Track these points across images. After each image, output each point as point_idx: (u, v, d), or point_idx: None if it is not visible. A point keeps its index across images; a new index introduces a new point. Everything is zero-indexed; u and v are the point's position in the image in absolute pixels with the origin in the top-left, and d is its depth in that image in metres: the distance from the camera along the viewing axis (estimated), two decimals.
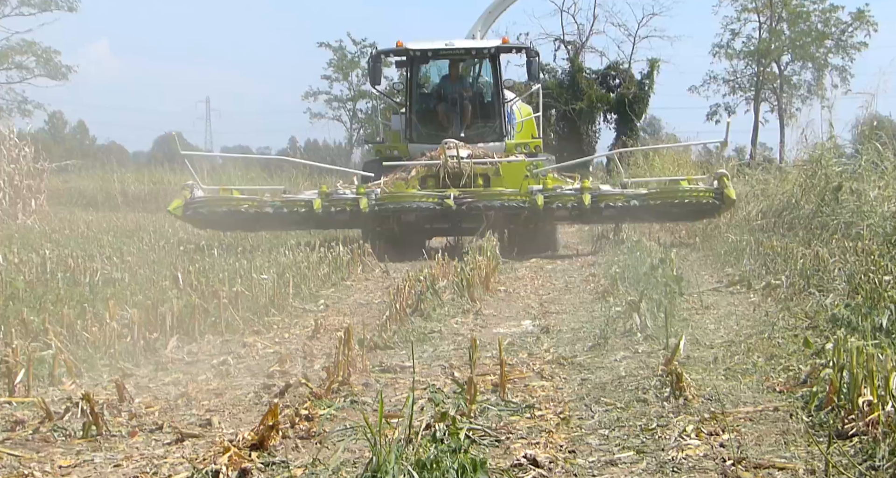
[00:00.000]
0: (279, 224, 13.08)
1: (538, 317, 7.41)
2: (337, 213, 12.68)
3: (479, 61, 15.22)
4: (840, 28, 39.33)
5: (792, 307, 6.89)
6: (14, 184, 19.35)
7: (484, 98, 15.00)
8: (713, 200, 12.70)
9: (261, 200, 12.83)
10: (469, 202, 12.60)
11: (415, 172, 13.20)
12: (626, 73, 39.28)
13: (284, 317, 7.53)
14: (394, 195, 12.75)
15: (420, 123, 14.60)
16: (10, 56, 39.28)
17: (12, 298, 7.25)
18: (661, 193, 12.96)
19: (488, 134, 14.44)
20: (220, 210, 12.73)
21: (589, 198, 12.50)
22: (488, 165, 13.28)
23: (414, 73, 14.78)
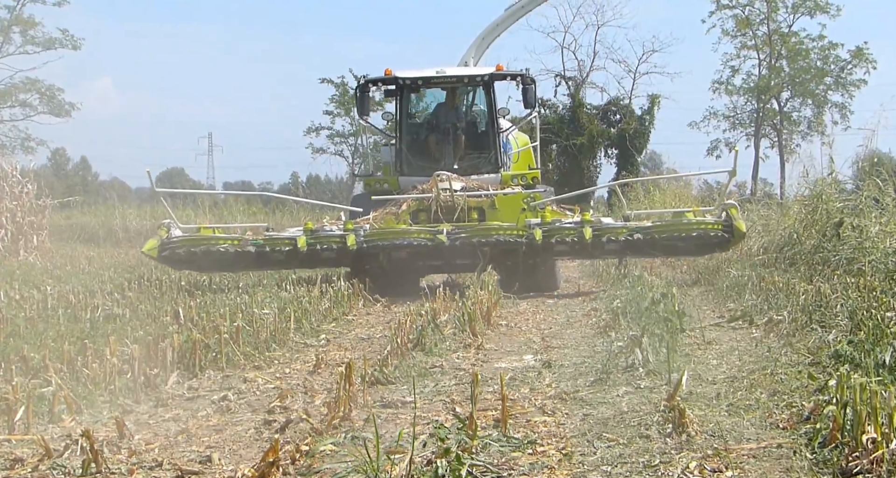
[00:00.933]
0: (262, 264, 12.41)
1: (540, 351, 7.39)
2: (323, 251, 11.99)
3: (473, 89, 14.64)
4: (839, 65, 39.58)
5: (794, 343, 6.87)
6: (16, 221, 19.41)
7: (478, 128, 14.47)
8: (722, 233, 12.06)
9: (242, 239, 12.18)
10: (463, 238, 11.91)
11: (406, 207, 12.65)
12: (626, 109, 39.49)
13: (285, 352, 7.51)
14: (383, 231, 12.08)
15: (411, 154, 14.03)
16: (14, 94, 39.56)
17: (13, 335, 7.25)
18: (666, 225, 12.31)
19: (483, 165, 13.91)
20: (199, 250, 11.96)
21: (590, 231, 11.89)
22: (483, 198, 12.76)
23: (404, 103, 14.21)
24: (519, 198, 12.83)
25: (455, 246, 11.87)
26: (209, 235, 12.24)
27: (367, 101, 14.10)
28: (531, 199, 12.79)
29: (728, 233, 12.04)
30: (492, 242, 11.95)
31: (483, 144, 14.11)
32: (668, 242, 12.12)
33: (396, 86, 14.00)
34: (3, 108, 39.88)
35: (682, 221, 12.35)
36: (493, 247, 11.97)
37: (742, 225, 12.12)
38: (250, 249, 11.98)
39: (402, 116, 14.17)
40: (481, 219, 12.56)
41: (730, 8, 39.84)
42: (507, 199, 12.80)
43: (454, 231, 11.96)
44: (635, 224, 12.35)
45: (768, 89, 39.44)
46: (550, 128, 37.01)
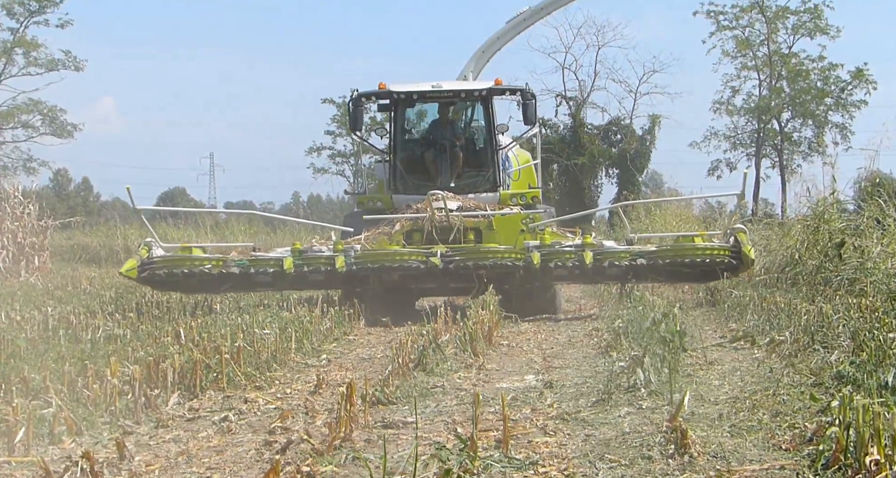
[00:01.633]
0: (247, 285, 11.88)
1: (541, 371, 7.37)
2: (310, 272, 11.46)
3: (471, 104, 14.07)
4: (839, 86, 39.70)
5: (796, 364, 6.85)
6: (17, 241, 19.44)
7: (475, 144, 13.92)
8: (729, 260, 11.42)
9: (226, 260, 11.66)
10: (457, 260, 11.33)
11: (399, 227, 12.08)
12: (627, 129, 39.62)
13: (286, 372, 7.50)
14: (374, 253, 11.49)
15: (406, 171, 13.45)
16: (17, 115, 39.70)
17: (13, 356, 7.23)
18: (672, 250, 11.74)
19: (480, 184, 13.35)
20: (180, 271, 11.43)
21: (591, 256, 11.30)
22: (480, 219, 12.19)
23: (398, 118, 13.64)
24: (517, 219, 12.28)
25: (449, 269, 11.35)
26: (191, 256, 11.72)
27: (360, 116, 13.42)
28: (530, 219, 12.28)
29: (736, 259, 11.44)
30: (488, 265, 11.39)
31: (481, 162, 13.60)
32: (673, 267, 11.58)
33: (391, 100, 13.48)
34: (6, 129, 40.05)
35: (687, 246, 11.79)
36: (489, 270, 11.41)
37: (751, 251, 11.52)
38: (234, 270, 11.48)
39: (397, 132, 13.64)
40: (478, 240, 12.03)
41: (730, 29, 40.05)
42: (505, 219, 12.27)
43: (449, 253, 11.43)
44: (639, 248, 11.79)
45: (769, 110, 39.55)
46: (552, 148, 37.13)
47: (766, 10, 39.30)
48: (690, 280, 12.45)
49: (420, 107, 14.26)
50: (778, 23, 39.74)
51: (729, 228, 12.30)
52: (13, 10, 38.60)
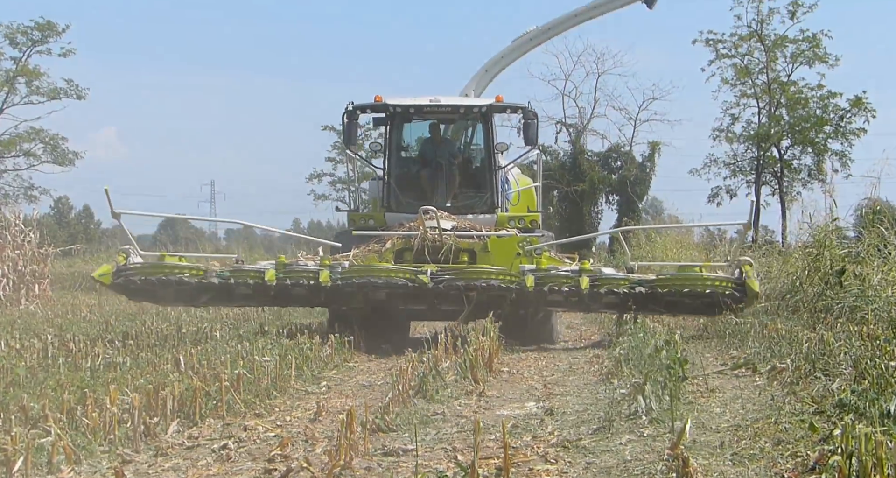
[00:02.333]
0: (226, 298, 11.36)
1: (542, 398, 7.35)
2: (293, 286, 11.01)
3: (470, 121, 13.50)
4: (839, 114, 39.83)
5: (798, 391, 6.82)
6: (18, 269, 19.45)
7: (473, 163, 13.41)
8: (733, 292, 10.99)
9: (206, 269, 11.20)
10: (447, 280, 10.87)
11: (390, 245, 11.65)
12: (627, 156, 39.74)
13: (286, 399, 7.47)
14: (361, 269, 11.04)
15: (399, 189, 12.93)
16: (18, 143, 39.80)
17: (13, 385, 7.22)
18: (673, 280, 11.25)
19: (477, 205, 12.86)
20: (156, 279, 10.96)
21: (587, 281, 10.86)
22: (475, 240, 11.74)
23: (394, 133, 13.10)
24: (514, 241, 11.81)
25: (439, 289, 10.87)
26: (170, 264, 11.26)
27: (354, 130, 12.98)
28: (527, 242, 11.84)
29: (740, 292, 11.00)
30: (479, 286, 10.90)
31: (479, 182, 13.10)
32: (674, 298, 11.13)
33: (386, 114, 12.96)
34: (7, 157, 40.13)
35: (690, 277, 11.31)
36: (480, 292, 10.93)
37: (755, 284, 11.05)
38: (214, 280, 11.04)
39: (392, 148, 13.11)
40: (472, 262, 11.57)
41: (729, 57, 40.20)
42: (500, 241, 11.78)
43: (439, 273, 10.98)
44: (638, 276, 11.30)
45: (768, 137, 39.64)
46: (552, 174, 37.23)
47: (764, 38, 39.49)
48: (691, 312, 12.03)
49: (417, 122, 13.58)
50: (777, 51, 39.91)
51: (735, 259, 11.83)
52: (16, 39, 38.83)
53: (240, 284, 11.12)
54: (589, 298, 11.10)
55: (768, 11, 39.19)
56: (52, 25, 39.11)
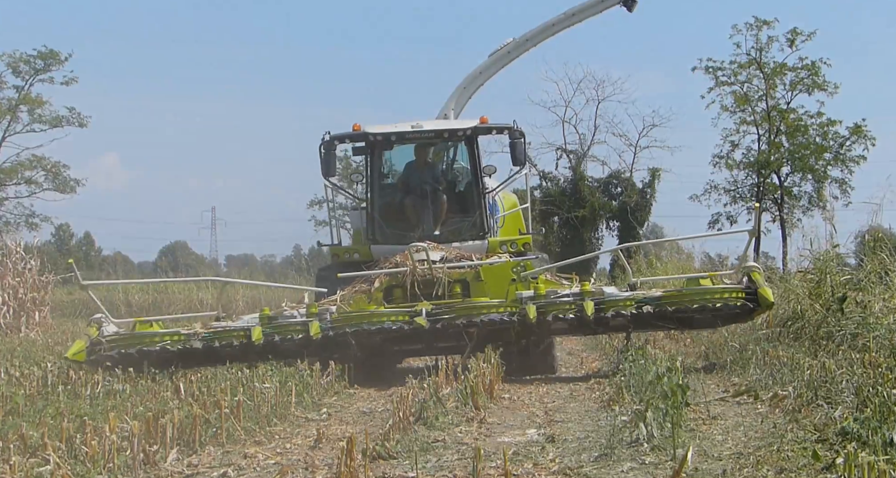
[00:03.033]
0: (212, 360, 10.59)
1: (543, 425, 7.32)
2: (283, 342, 10.43)
3: (454, 145, 13.08)
4: (838, 141, 39.99)
5: (800, 419, 6.79)
6: (18, 297, 19.45)
7: (460, 188, 12.91)
8: (745, 302, 10.55)
9: (187, 334, 10.63)
10: (445, 319, 10.38)
11: (378, 283, 11.11)
12: (627, 182, 39.85)
13: (286, 426, 7.45)
14: (352, 316, 10.51)
15: (384, 220, 12.36)
16: (20, 171, 39.92)
17: (12, 413, 7.21)
18: (681, 295, 10.70)
19: (466, 231, 12.34)
20: (134, 351, 10.38)
21: (592, 305, 10.32)
22: (466, 269, 11.26)
23: (375, 162, 12.57)
24: (507, 267, 11.32)
25: (437, 329, 10.38)
26: (147, 332, 10.73)
27: (332, 161, 12.38)
28: (521, 268, 11.29)
29: (752, 302, 10.57)
30: (479, 322, 10.43)
31: (466, 207, 12.57)
32: (683, 313, 10.61)
33: (366, 142, 12.46)
34: (9, 185, 40.25)
35: (697, 290, 10.78)
36: (480, 328, 10.46)
37: (769, 292, 10.58)
38: (197, 344, 10.49)
39: (374, 177, 12.57)
40: (465, 293, 11.09)
41: (728, 84, 40.42)
42: (493, 269, 11.32)
43: (435, 311, 10.47)
44: (643, 294, 10.78)
45: (768, 164, 39.76)
46: (552, 200, 37.31)
47: (763, 66, 39.71)
48: (703, 326, 11.47)
49: (399, 149, 13.00)
50: (776, 79, 40.14)
51: (742, 266, 11.24)
52: (19, 68, 39.08)
53: (225, 345, 10.52)
54: (595, 322, 10.60)
55: (767, 39, 39.51)
56: (54, 54, 39.41)
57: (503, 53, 16.55)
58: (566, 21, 17.01)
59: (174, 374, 10.01)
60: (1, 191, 40.40)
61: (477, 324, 10.44)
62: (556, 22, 16.95)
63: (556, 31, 17.11)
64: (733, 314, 10.75)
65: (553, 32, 17.11)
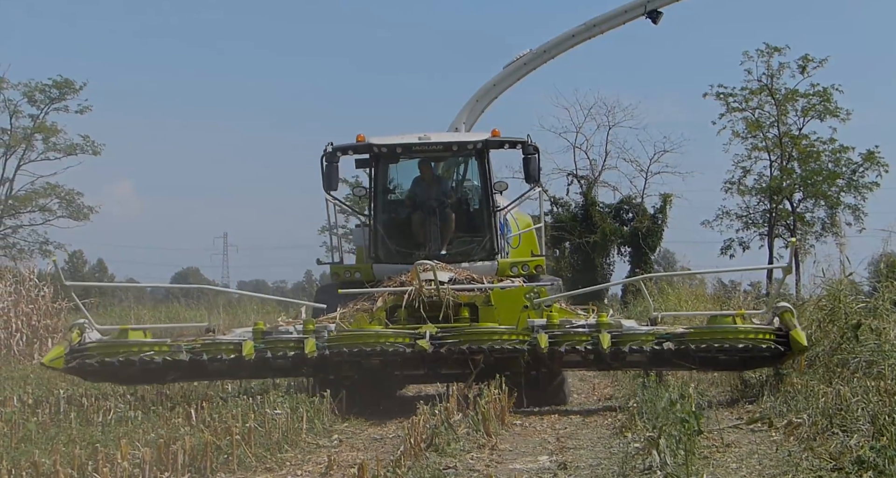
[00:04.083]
0: (199, 374, 10.21)
1: (555, 452, 7.28)
2: (276, 358, 9.80)
3: (464, 159, 12.27)
4: (851, 168, 39.90)
5: (815, 447, 6.73)
6: (32, 324, 19.47)
7: (469, 205, 12.16)
8: (775, 345, 9.79)
9: (174, 344, 10.02)
10: (450, 343, 9.74)
11: (381, 302, 10.45)
12: (639, 208, 39.77)
13: (297, 453, 7.43)
14: (351, 335, 9.90)
15: (389, 237, 11.68)
16: (34, 199, 40.16)
17: (24, 440, 7.21)
18: (706, 333, 9.98)
19: (476, 251, 11.62)
20: (116, 359, 9.77)
21: (608, 338, 9.65)
22: (476, 292, 10.61)
23: (380, 176, 11.88)
24: (520, 292, 10.62)
25: (440, 354, 9.76)
26: (131, 342, 10.04)
27: (334, 174, 11.59)
28: (535, 294, 10.58)
29: (783, 345, 9.80)
30: (486, 349, 9.80)
31: (476, 226, 11.86)
32: (707, 353, 9.85)
33: (370, 155, 11.75)
34: (23, 213, 40.46)
35: (724, 329, 10.00)
36: (487, 355, 9.86)
37: (802, 336, 9.76)
38: (183, 356, 9.86)
39: (378, 191, 11.87)
40: (473, 318, 10.43)
41: (740, 111, 40.43)
42: (505, 294, 10.63)
43: (440, 335, 9.85)
44: (665, 329, 10.17)
45: (780, 190, 39.69)
46: (563, 225, 37.26)
47: (775, 93, 39.74)
48: (727, 368, 10.72)
49: (405, 162, 12.24)
50: (787, 105, 40.14)
51: (773, 306, 10.54)
52: (34, 97, 39.42)
53: (214, 359, 9.89)
54: (611, 357, 9.89)
55: (778, 66, 39.51)
56: (69, 83, 39.72)
57: (519, 65, 15.82)
58: (587, 33, 16.26)
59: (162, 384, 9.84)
60: (15, 218, 40.62)
61: (484, 351, 9.82)
62: (577, 33, 16.23)
63: (576, 43, 16.36)
64: (761, 357, 10.02)
65: (572, 44, 16.35)
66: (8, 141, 39.45)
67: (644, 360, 10.10)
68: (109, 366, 9.86)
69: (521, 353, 9.88)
